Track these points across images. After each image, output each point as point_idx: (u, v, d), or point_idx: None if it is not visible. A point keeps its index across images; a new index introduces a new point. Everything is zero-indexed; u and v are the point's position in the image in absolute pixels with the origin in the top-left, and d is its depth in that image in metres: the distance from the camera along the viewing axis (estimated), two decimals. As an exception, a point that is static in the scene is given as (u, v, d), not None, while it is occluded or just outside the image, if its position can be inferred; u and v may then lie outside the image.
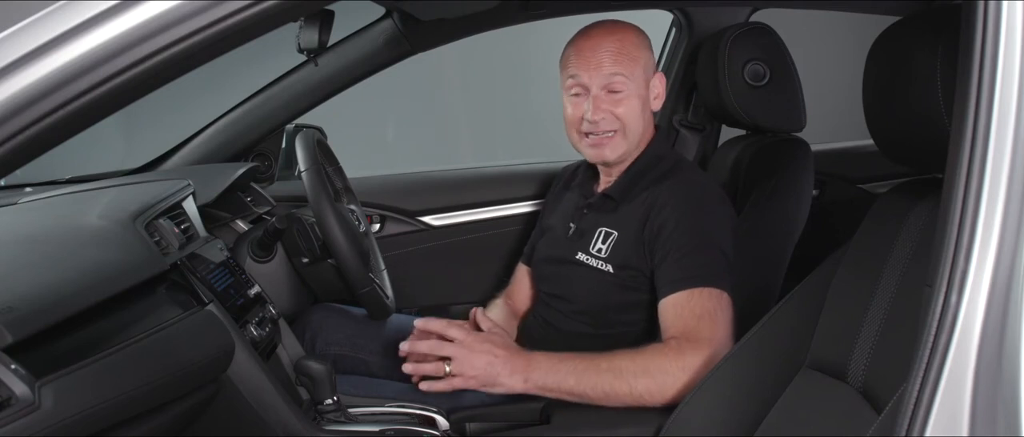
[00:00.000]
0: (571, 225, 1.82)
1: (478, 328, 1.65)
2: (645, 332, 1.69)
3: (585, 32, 1.74)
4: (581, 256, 1.74)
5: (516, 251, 2.31)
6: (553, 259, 1.84)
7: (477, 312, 1.69)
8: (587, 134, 1.71)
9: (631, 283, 1.68)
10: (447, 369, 1.56)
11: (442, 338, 1.59)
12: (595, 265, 1.71)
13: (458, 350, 1.56)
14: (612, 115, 1.69)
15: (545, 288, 1.87)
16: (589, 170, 1.87)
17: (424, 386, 1.59)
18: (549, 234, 1.91)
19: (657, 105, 1.76)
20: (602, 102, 1.69)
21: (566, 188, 1.94)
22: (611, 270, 1.69)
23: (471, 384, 1.56)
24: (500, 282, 2.12)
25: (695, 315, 1.56)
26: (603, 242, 1.72)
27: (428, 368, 1.58)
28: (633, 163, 1.76)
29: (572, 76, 1.71)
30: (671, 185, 1.69)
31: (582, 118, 1.70)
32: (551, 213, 1.95)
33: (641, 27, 1.76)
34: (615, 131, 1.70)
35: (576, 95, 1.71)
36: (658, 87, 1.76)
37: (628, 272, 1.68)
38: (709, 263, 1.60)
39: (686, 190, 1.68)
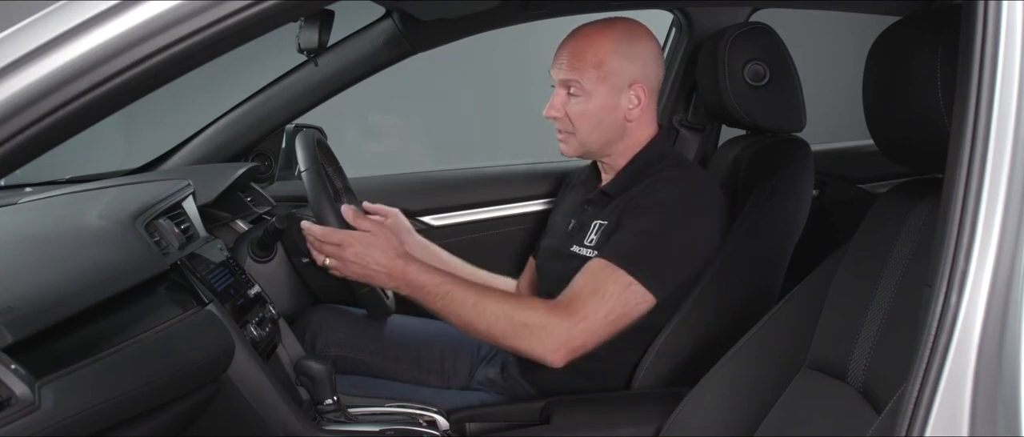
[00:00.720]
0: (572, 220, 1.84)
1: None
2: (641, 331, 1.68)
3: (573, 31, 1.76)
4: (575, 248, 1.75)
5: (517, 251, 2.31)
6: (551, 252, 1.86)
7: (348, 210, 1.69)
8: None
9: None
10: (327, 262, 1.64)
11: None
12: (586, 255, 1.72)
13: (338, 253, 1.63)
14: (565, 117, 1.74)
15: (544, 286, 1.87)
16: (593, 169, 1.89)
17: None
18: (552, 230, 1.93)
19: (632, 116, 1.74)
20: (558, 99, 1.74)
21: (572, 188, 1.97)
22: None
23: (349, 274, 1.64)
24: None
25: (590, 287, 1.59)
26: (596, 234, 1.73)
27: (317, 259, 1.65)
28: (631, 161, 1.77)
29: (551, 71, 1.76)
30: (666, 176, 1.70)
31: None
32: (556, 211, 1.98)
33: (605, 26, 1.75)
34: (568, 131, 1.75)
35: (552, 86, 1.77)
36: (635, 99, 1.73)
37: None
38: (647, 253, 1.61)
39: (678, 186, 1.69)
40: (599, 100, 1.71)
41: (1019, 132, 0.88)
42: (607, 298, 1.58)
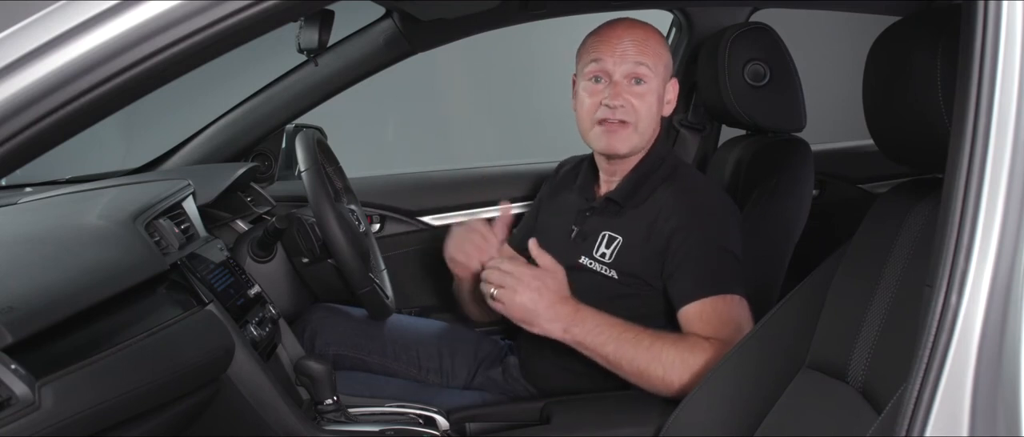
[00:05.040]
0: (573, 227, 1.79)
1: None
2: None
3: (611, 23, 1.72)
4: (584, 260, 1.73)
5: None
6: None
7: (534, 245, 1.65)
8: (601, 121, 1.68)
9: (635, 291, 1.68)
10: (493, 293, 1.58)
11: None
12: (599, 270, 1.70)
13: (508, 280, 1.57)
14: (631, 105, 1.67)
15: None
16: (590, 171, 1.85)
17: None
18: (546, 235, 1.89)
19: (668, 110, 1.75)
20: (623, 90, 1.67)
21: (565, 188, 1.92)
22: (616, 276, 1.68)
23: (511, 316, 1.57)
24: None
25: (722, 321, 1.57)
26: (607, 247, 1.70)
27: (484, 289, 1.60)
28: (638, 164, 1.75)
29: (595, 61, 1.68)
30: (676, 191, 1.68)
31: (598, 104, 1.68)
32: (547, 210, 1.93)
33: (647, 22, 1.75)
34: (629, 123, 1.68)
35: (595, 80, 1.69)
36: (672, 92, 1.75)
37: (633, 280, 1.67)
38: (722, 269, 1.60)
39: (692, 197, 1.68)
40: (657, 91, 1.70)
41: (1019, 132, 0.88)
42: (739, 320, 1.58)
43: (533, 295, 1.56)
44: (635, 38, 1.68)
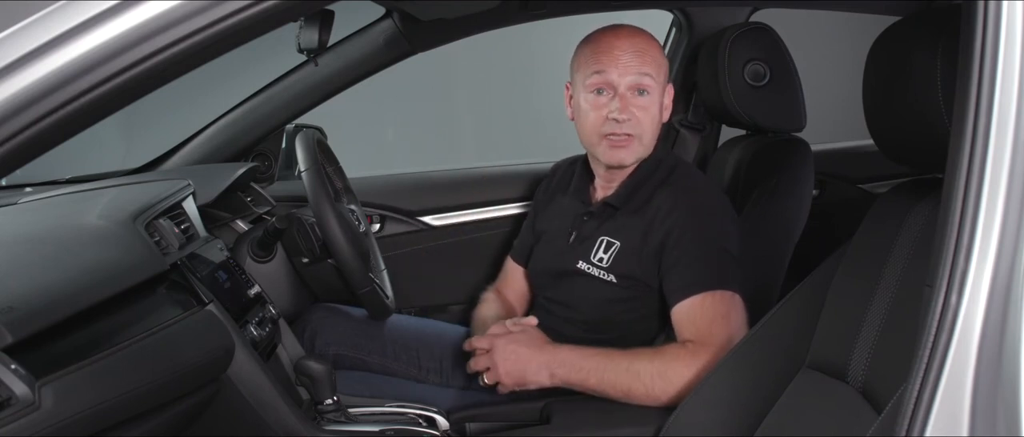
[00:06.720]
0: (571, 232, 1.80)
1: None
2: (646, 345, 1.68)
3: (610, 31, 1.70)
4: (582, 265, 1.73)
5: (515, 251, 2.31)
6: (553, 271, 1.82)
7: (508, 324, 1.73)
8: (607, 135, 1.68)
9: (633, 293, 1.68)
10: (485, 380, 1.66)
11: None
12: (596, 275, 1.70)
13: (490, 359, 1.65)
14: (636, 118, 1.67)
15: (545, 293, 1.86)
16: (584, 174, 1.85)
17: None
18: (546, 241, 1.89)
19: (666, 116, 1.75)
20: (629, 103, 1.66)
21: (561, 191, 1.92)
22: (614, 280, 1.68)
23: (509, 386, 1.64)
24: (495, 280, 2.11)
25: (708, 319, 1.57)
26: (605, 251, 1.70)
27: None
28: (636, 169, 1.74)
29: (597, 72, 1.67)
30: (672, 192, 1.68)
31: (604, 118, 1.67)
32: (544, 217, 1.93)
33: (642, 28, 1.75)
34: (635, 135, 1.68)
35: (598, 93, 1.68)
36: (668, 98, 1.75)
37: (631, 282, 1.68)
38: (716, 266, 1.60)
39: (688, 197, 1.67)
40: (659, 99, 1.70)
41: (1019, 132, 0.88)
42: (727, 316, 1.58)
43: (512, 358, 1.63)
44: (637, 49, 1.67)
